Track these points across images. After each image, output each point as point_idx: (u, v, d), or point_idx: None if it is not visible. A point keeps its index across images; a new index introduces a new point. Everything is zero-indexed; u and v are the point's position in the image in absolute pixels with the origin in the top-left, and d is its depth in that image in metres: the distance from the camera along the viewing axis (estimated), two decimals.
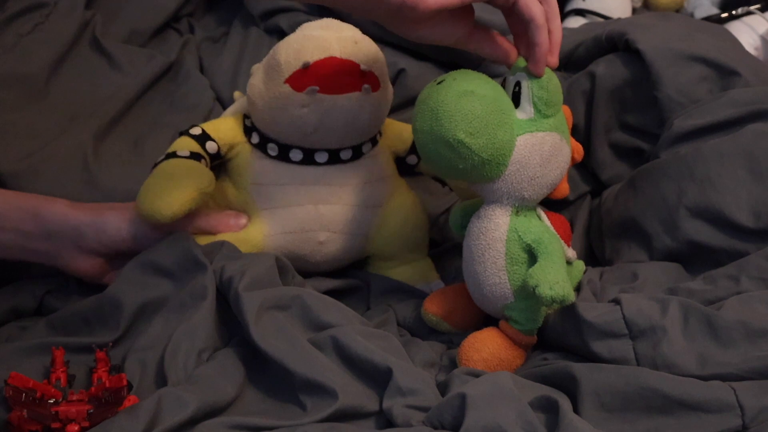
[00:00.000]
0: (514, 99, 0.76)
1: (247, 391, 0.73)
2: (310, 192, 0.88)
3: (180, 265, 0.80)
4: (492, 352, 0.77)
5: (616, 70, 0.97)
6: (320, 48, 0.84)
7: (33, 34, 1.08)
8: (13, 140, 0.98)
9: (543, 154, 0.76)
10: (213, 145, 0.89)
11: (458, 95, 0.73)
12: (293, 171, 0.88)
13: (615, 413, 0.68)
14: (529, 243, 0.76)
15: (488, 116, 0.73)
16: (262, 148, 0.89)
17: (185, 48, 1.17)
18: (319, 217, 0.88)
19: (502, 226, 0.77)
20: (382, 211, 0.91)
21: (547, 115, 0.76)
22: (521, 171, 0.75)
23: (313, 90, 0.83)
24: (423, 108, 0.75)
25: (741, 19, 1.23)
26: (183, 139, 0.89)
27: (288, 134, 0.87)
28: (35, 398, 0.69)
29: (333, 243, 0.89)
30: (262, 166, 0.88)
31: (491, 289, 0.78)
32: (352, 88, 0.84)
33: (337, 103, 0.84)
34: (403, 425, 0.68)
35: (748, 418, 0.65)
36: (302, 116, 0.85)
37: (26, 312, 0.87)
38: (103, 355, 0.75)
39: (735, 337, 0.69)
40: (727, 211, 0.82)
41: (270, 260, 0.80)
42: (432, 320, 0.84)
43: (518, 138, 0.75)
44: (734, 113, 0.87)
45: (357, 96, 0.85)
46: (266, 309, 0.75)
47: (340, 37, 0.85)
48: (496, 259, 0.77)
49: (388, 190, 0.92)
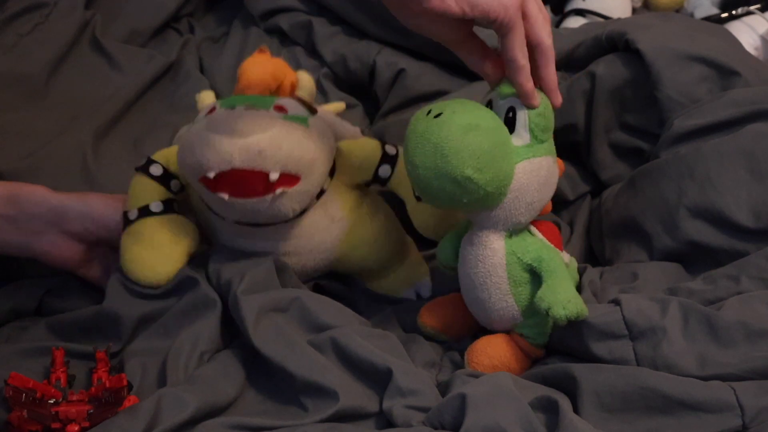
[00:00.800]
0: (507, 124, 0.74)
1: (248, 392, 0.73)
2: (263, 246, 0.84)
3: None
4: (503, 361, 0.77)
5: (616, 70, 0.97)
6: (222, 160, 0.75)
7: (33, 34, 1.08)
8: (13, 139, 0.98)
9: (540, 179, 0.75)
10: (176, 183, 0.85)
11: (464, 130, 0.70)
12: (241, 228, 0.83)
13: (615, 413, 0.68)
14: (529, 263, 0.76)
15: (494, 150, 0.71)
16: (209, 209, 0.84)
17: (185, 48, 1.17)
18: (282, 264, 0.84)
19: (499, 252, 0.76)
20: (342, 245, 0.87)
21: (543, 140, 0.75)
22: (519, 198, 0.74)
23: (224, 196, 0.77)
24: (423, 143, 0.71)
25: (741, 19, 1.23)
26: (145, 183, 0.84)
27: (219, 212, 0.82)
28: (35, 398, 0.69)
29: (299, 273, 0.86)
30: (216, 221, 0.85)
31: (499, 314, 0.78)
32: (263, 192, 0.77)
33: (252, 207, 0.78)
34: (403, 425, 0.68)
35: (748, 418, 0.65)
36: (225, 208, 0.80)
37: (26, 312, 0.87)
38: (103, 355, 0.75)
39: (735, 338, 0.69)
40: (727, 211, 0.82)
41: (268, 262, 0.80)
42: (430, 332, 0.83)
43: (517, 165, 0.74)
44: (734, 113, 0.87)
45: (271, 197, 0.78)
46: (265, 312, 0.75)
47: (242, 147, 0.75)
48: (499, 284, 0.76)
49: (344, 229, 0.86)
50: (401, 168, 0.85)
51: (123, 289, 0.81)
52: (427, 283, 0.91)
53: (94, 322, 0.80)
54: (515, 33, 0.72)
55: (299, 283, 0.84)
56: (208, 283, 0.79)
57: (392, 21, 0.76)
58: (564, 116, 0.99)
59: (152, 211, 0.83)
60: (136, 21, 1.18)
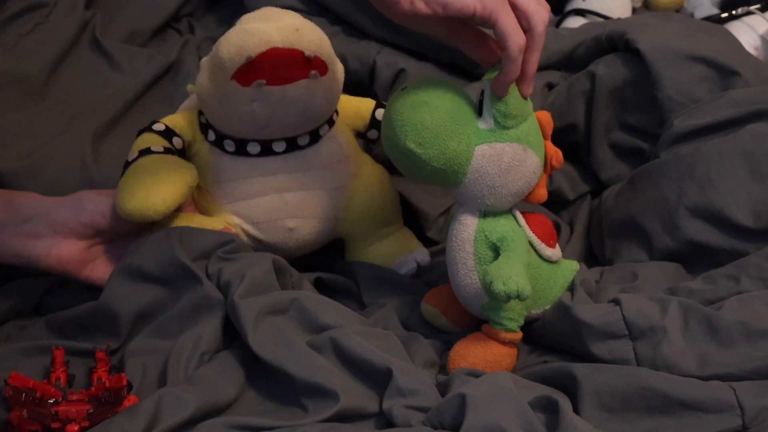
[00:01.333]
0: (479, 107, 0.76)
1: (248, 393, 0.73)
2: (273, 182, 0.88)
3: (168, 272, 0.79)
4: (478, 356, 0.77)
5: (616, 70, 0.97)
6: (261, 41, 0.81)
7: (33, 34, 1.08)
8: (13, 140, 0.98)
9: (501, 165, 0.76)
10: (179, 140, 0.88)
11: (412, 106, 0.74)
12: (253, 163, 0.87)
13: (615, 413, 0.68)
14: (494, 241, 0.77)
15: (438, 127, 0.74)
16: (218, 145, 0.88)
17: (185, 48, 1.17)
18: (284, 205, 0.88)
19: (470, 227, 0.78)
20: (347, 192, 0.91)
21: (507, 126, 0.76)
22: (479, 180, 0.76)
23: (260, 84, 0.82)
24: (386, 113, 0.77)
25: (741, 19, 1.23)
26: (148, 136, 0.87)
27: (242, 129, 0.86)
28: (35, 398, 0.69)
29: (303, 228, 0.89)
30: (221, 162, 0.88)
31: (466, 290, 0.79)
32: (299, 76, 0.83)
33: (287, 94, 0.83)
34: (403, 426, 0.68)
35: (748, 418, 0.65)
36: (253, 111, 0.84)
37: (26, 312, 0.87)
38: (103, 355, 0.75)
39: (735, 338, 0.69)
40: (727, 211, 0.82)
41: (267, 262, 0.80)
42: (431, 312, 0.84)
43: (476, 147, 0.75)
44: (734, 113, 0.87)
45: (306, 83, 0.83)
46: (264, 315, 0.75)
47: (280, 27, 0.82)
48: (465, 259, 0.78)
49: (351, 170, 0.91)
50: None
51: (121, 281, 0.80)
52: (424, 251, 0.93)
53: (92, 318, 0.80)
54: (500, 24, 0.72)
55: (299, 282, 0.84)
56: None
57: (392, 21, 0.77)
58: (564, 116, 0.99)
59: (153, 151, 0.85)
60: (136, 21, 1.18)
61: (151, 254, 0.80)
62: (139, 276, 0.80)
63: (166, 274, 0.79)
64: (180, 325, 0.77)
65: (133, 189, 0.81)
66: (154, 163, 0.84)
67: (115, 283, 0.80)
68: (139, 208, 0.80)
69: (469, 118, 0.75)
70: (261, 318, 0.74)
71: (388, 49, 1.10)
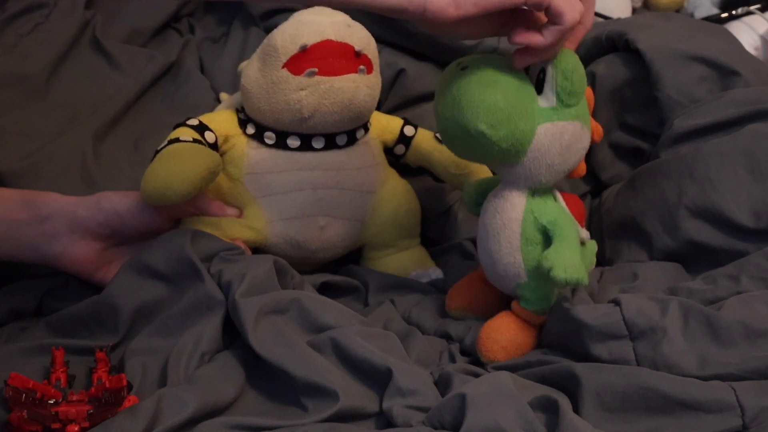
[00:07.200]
0: (537, 85, 0.75)
1: (248, 393, 0.73)
2: (309, 177, 0.89)
3: (174, 268, 0.79)
4: (510, 339, 0.77)
5: (616, 70, 0.97)
6: (316, 32, 0.85)
7: (33, 34, 1.08)
8: (13, 140, 0.98)
9: (563, 143, 0.75)
10: (211, 135, 0.89)
11: (482, 85, 0.73)
12: (290, 157, 0.89)
13: (615, 413, 0.68)
14: (545, 224, 0.76)
15: (510, 108, 0.73)
16: (258, 138, 0.90)
17: (185, 48, 1.17)
18: (318, 201, 0.89)
19: (518, 207, 0.77)
20: (376, 197, 0.93)
21: (570, 104, 0.75)
22: (540, 158, 0.75)
23: (312, 72, 0.85)
24: (446, 94, 0.74)
25: (741, 19, 1.23)
26: (181, 129, 0.89)
27: (285, 120, 0.88)
28: (35, 399, 0.69)
29: (332, 228, 0.91)
30: (258, 155, 0.89)
31: (505, 268, 0.78)
32: (348, 69, 0.86)
33: (335, 85, 0.86)
34: (403, 425, 0.68)
35: (748, 418, 0.65)
36: (300, 99, 0.86)
37: (26, 312, 0.87)
38: (103, 355, 0.75)
39: (735, 338, 0.69)
40: (727, 211, 0.82)
41: (268, 263, 0.80)
42: (457, 315, 0.84)
43: (539, 126, 0.74)
44: (734, 113, 0.87)
45: (354, 77, 0.87)
46: (264, 314, 0.75)
47: (334, 21, 0.86)
48: (511, 239, 0.77)
49: (380, 177, 0.94)
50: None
51: (127, 276, 0.80)
52: (438, 271, 0.94)
53: (92, 312, 0.80)
54: (555, 3, 0.69)
55: (301, 280, 0.84)
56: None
57: (392, 21, 0.76)
58: None
59: (181, 140, 0.86)
60: (136, 21, 1.18)
61: (161, 250, 0.81)
62: (146, 272, 0.80)
63: (172, 271, 0.80)
64: (180, 325, 0.77)
65: (156, 171, 0.82)
66: (178, 149, 0.85)
67: (120, 278, 0.81)
68: (159, 188, 0.81)
69: (532, 96, 0.75)
70: (261, 317, 0.74)
71: (388, 49, 1.10)
